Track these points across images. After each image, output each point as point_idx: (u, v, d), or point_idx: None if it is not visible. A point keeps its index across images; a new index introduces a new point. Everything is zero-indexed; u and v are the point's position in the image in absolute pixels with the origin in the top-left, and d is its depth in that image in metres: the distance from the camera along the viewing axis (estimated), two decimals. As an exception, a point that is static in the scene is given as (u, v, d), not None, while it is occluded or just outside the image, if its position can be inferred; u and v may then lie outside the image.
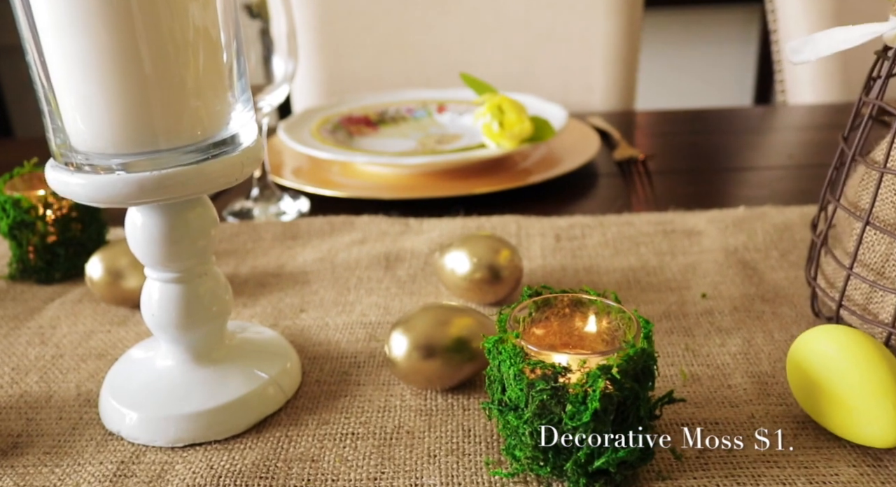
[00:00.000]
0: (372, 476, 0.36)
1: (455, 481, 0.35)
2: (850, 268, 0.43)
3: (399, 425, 0.40)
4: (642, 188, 0.76)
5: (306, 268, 0.59)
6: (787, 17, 1.16)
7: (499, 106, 0.73)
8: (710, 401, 0.41)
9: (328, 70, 1.18)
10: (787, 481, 0.35)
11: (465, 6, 1.15)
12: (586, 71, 1.14)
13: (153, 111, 0.34)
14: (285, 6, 0.67)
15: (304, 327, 0.50)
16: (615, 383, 0.32)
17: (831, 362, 0.36)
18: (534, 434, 0.33)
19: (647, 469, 0.36)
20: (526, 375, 0.33)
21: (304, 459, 0.37)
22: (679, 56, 2.51)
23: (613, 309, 0.36)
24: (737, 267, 0.56)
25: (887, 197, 0.42)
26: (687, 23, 2.49)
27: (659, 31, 2.45)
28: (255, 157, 0.38)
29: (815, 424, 0.38)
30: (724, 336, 0.47)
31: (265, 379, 0.41)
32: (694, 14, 2.47)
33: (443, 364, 0.41)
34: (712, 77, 2.55)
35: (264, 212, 0.71)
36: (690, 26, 2.49)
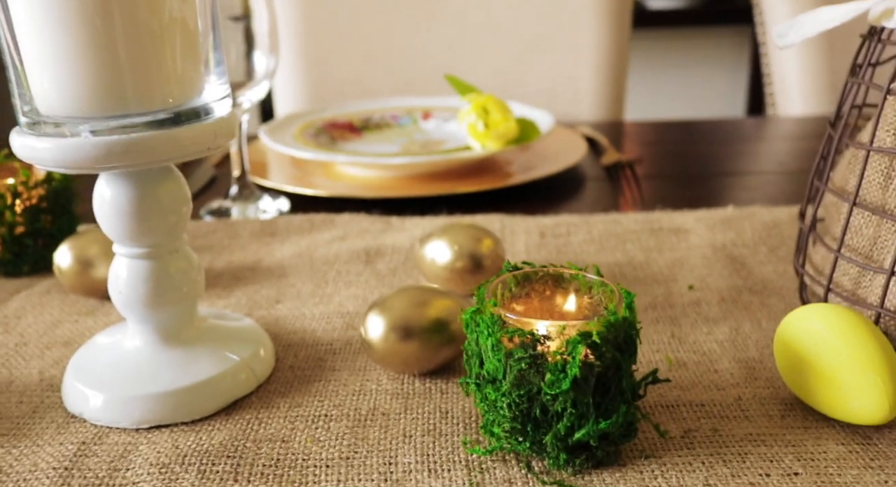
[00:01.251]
0: (344, 455, 0.35)
1: (431, 460, 0.34)
2: (837, 251, 0.42)
3: (374, 407, 0.38)
4: (630, 191, 0.75)
5: (284, 263, 0.58)
6: (776, 28, 1.17)
7: (484, 106, 0.72)
8: (696, 385, 0.39)
9: (312, 77, 1.18)
10: (775, 458, 0.33)
11: (453, 14, 1.15)
12: (574, 80, 1.15)
13: (123, 75, 0.33)
14: (267, 3, 0.67)
15: (280, 317, 0.49)
16: (595, 350, 0.30)
17: (819, 338, 0.35)
18: (512, 406, 0.31)
19: (630, 448, 0.34)
20: (504, 345, 0.32)
21: (274, 439, 0.36)
22: (669, 77, 2.53)
23: (595, 284, 0.35)
24: (724, 262, 0.55)
25: (874, 178, 0.42)
26: (677, 44, 2.51)
27: (648, 52, 2.47)
28: (228, 128, 0.37)
29: (803, 405, 0.37)
30: (710, 325, 0.46)
31: (236, 361, 0.40)
32: (684, 36, 2.49)
33: (421, 345, 0.39)
34: (703, 97, 2.57)
35: (243, 212, 0.70)
36: (681, 48, 2.52)
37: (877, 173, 0.41)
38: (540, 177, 0.74)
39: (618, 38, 1.14)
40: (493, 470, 0.33)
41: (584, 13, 1.13)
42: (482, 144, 0.74)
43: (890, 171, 0.40)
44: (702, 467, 0.33)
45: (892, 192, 0.40)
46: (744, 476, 0.32)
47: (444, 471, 0.33)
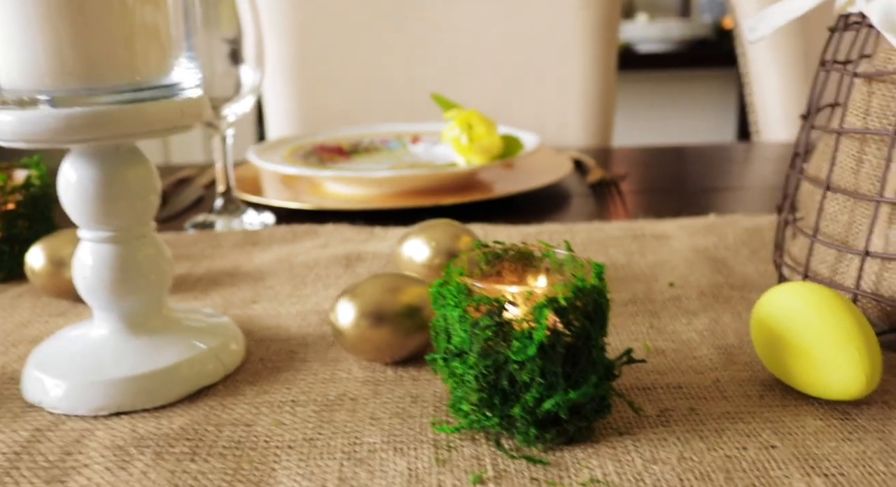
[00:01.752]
0: (308, 436, 0.33)
1: (398, 439, 0.33)
2: (813, 236, 0.41)
3: (342, 393, 0.37)
4: (614, 205, 0.75)
5: (263, 268, 0.57)
6: (757, 61, 1.19)
7: (467, 120, 0.73)
8: (674, 369, 0.38)
9: (305, 105, 1.19)
10: (752, 433, 0.32)
11: (443, 44, 1.17)
12: (561, 108, 1.16)
13: (87, 48, 0.33)
14: (254, 18, 0.68)
15: (255, 315, 0.48)
16: (563, 316, 0.30)
17: (795, 314, 0.34)
18: (479, 378, 0.31)
19: (603, 425, 0.33)
20: (470, 316, 0.31)
21: (237, 423, 0.35)
22: (658, 118, 2.56)
23: (567, 260, 0.35)
24: (706, 262, 0.54)
25: (846, 163, 0.41)
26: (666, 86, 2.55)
27: (638, 93, 2.51)
28: (196, 108, 0.37)
29: (782, 386, 0.36)
30: (690, 316, 0.45)
31: (203, 349, 0.39)
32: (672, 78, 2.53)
33: (392, 331, 0.39)
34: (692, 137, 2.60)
35: (227, 225, 0.70)
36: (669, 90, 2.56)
37: (848, 158, 0.41)
38: (525, 190, 0.74)
39: (604, 68, 1.16)
40: (462, 449, 0.32)
41: (572, 45, 1.14)
42: (466, 159, 0.74)
43: (861, 155, 0.40)
44: (677, 442, 0.32)
45: (863, 176, 0.40)
46: (720, 449, 0.31)
47: (410, 450, 0.32)
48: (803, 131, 0.45)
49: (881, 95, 0.39)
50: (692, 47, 2.35)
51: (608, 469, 0.30)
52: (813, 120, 0.43)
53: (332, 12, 1.18)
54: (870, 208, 0.39)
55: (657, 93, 2.56)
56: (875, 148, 0.39)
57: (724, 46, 2.30)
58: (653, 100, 2.56)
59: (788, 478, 0.29)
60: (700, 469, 0.30)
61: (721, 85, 2.56)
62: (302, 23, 1.17)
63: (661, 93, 2.56)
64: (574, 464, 0.30)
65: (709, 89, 2.58)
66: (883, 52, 0.39)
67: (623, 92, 2.41)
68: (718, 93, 2.58)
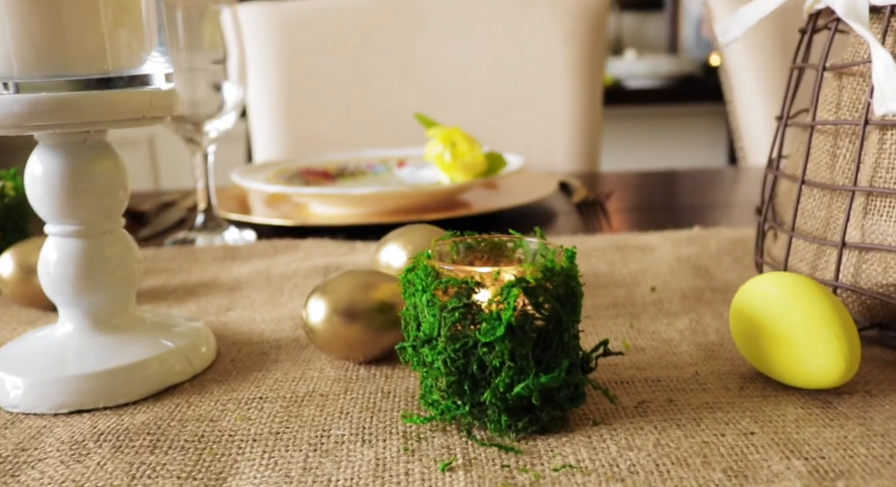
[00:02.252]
0: (275, 430, 0.32)
1: (366, 432, 0.32)
2: (791, 231, 0.41)
3: (312, 390, 0.36)
4: (599, 223, 0.74)
5: (241, 279, 0.56)
6: (741, 86, 1.20)
7: (450, 137, 0.73)
8: (653, 365, 0.38)
9: (292, 133, 1.19)
10: (731, 422, 0.31)
11: (429, 72, 1.18)
12: (548, 135, 1.16)
13: (55, 35, 0.33)
14: (237, 36, 0.69)
15: (229, 321, 0.47)
16: (532, 297, 0.29)
17: (773, 301, 0.33)
18: (448, 363, 0.30)
19: (578, 415, 0.32)
20: (439, 300, 0.30)
21: (202, 419, 0.34)
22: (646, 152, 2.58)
23: (539, 248, 0.34)
24: (688, 269, 0.54)
25: (821, 158, 0.41)
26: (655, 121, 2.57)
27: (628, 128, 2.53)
28: (165, 101, 0.37)
29: (763, 378, 0.35)
30: (671, 317, 0.45)
31: (170, 347, 0.38)
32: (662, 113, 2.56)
33: (365, 328, 0.38)
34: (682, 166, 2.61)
35: (208, 242, 0.69)
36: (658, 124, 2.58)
37: (823, 153, 0.41)
38: (509, 206, 0.73)
39: (591, 96, 1.17)
40: (432, 439, 0.31)
41: (558, 73, 1.15)
42: (450, 176, 0.74)
43: (835, 149, 0.40)
44: (654, 431, 0.31)
45: (839, 171, 0.40)
46: (697, 436, 0.30)
47: (378, 441, 0.31)
48: (779, 132, 0.45)
49: (851, 89, 0.39)
50: (680, 83, 2.39)
51: (582, 456, 0.29)
52: (787, 119, 0.43)
53: (320, 40, 1.19)
54: (846, 202, 0.39)
55: (646, 128, 2.58)
56: (848, 141, 0.39)
57: (711, 82, 2.33)
58: (642, 135, 2.58)
59: (767, 461, 0.28)
60: (677, 454, 0.29)
61: (710, 120, 2.59)
62: (290, 50, 1.18)
63: (650, 129, 2.59)
64: (547, 452, 0.29)
65: (697, 125, 2.60)
66: (851, 45, 0.39)
67: (612, 127, 2.44)
68: (707, 129, 2.61)
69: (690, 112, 2.56)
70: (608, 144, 2.39)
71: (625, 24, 2.63)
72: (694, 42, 2.59)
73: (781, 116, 0.44)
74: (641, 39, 2.68)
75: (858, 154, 0.37)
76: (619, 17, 2.55)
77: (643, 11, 2.65)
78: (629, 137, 2.55)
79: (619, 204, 0.82)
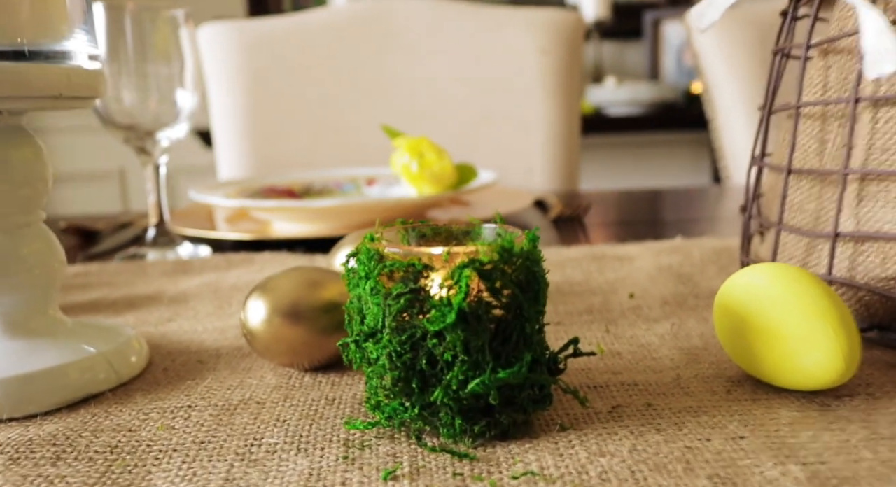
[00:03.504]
0: (199, 439, 0.28)
1: (303, 440, 0.28)
2: (779, 224, 0.38)
3: (248, 397, 0.32)
4: (576, 238, 0.71)
5: (188, 292, 0.52)
6: (723, 104, 1.19)
7: (417, 147, 0.69)
8: (630, 368, 0.34)
9: (258, 154, 1.16)
10: (717, 426, 0.28)
11: (401, 89, 1.16)
12: (525, 153, 1.14)
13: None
14: (192, 45, 0.66)
15: (169, 331, 0.43)
16: (487, 280, 0.25)
17: (760, 293, 0.30)
18: (393, 358, 0.26)
19: (544, 419, 0.28)
20: (383, 286, 0.27)
21: (118, 429, 0.29)
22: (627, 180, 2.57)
23: (500, 234, 0.30)
24: (670, 277, 0.51)
25: (809, 145, 0.38)
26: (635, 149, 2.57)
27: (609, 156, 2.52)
28: (87, 79, 0.33)
29: (753, 381, 0.32)
30: (651, 323, 0.41)
31: (91, 353, 0.34)
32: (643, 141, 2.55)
33: (310, 330, 0.34)
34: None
35: (160, 257, 0.65)
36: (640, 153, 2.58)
37: (810, 140, 0.38)
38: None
39: (568, 110, 1.15)
40: (377, 446, 0.27)
41: (533, 89, 1.13)
42: (417, 188, 0.70)
43: (823, 135, 0.37)
44: (629, 436, 0.27)
45: (828, 157, 0.37)
46: (679, 441, 0.26)
47: (315, 450, 0.27)
48: (762, 122, 0.42)
49: (838, 68, 0.36)
50: (661, 111, 2.38)
51: (546, 463, 0.25)
52: (770, 107, 0.41)
53: (286, 59, 1.16)
54: (837, 191, 0.36)
55: (627, 156, 2.58)
56: (836, 125, 0.36)
57: (692, 111, 2.33)
58: (623, 163, 2.57)
59: (759, 467, 0.24)
60: (655, 460, 0.25)
61: (692, 149, 2.59)
62: (255, 70, 1.15)
63: (631, 157, 2.58)
64: (507, 459, 0.25)
65: (679, 153, 2.60)
66: (836, 20, 0.36)
67: (593, 155, 2.43)
68: (690, 158, 2.61)
69: (672, 140, 2.56)
70: (589, 172, 2.38)
71: (605, 52, 2.64)
72: (675, 70, 2.60)
73: (764, 105, 0.42)
74: (622, 67, 2.69)
75: (849, 136, 0.34)
76: (598, 45, 2.56)
77: (623, 40, 2.66)
78: (610, 165, 2.54)
79: (598, 219, 0.79)
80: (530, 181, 1.13)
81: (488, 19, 1.15)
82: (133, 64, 0.63)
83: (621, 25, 2.60)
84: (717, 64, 1.17)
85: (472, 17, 1.16)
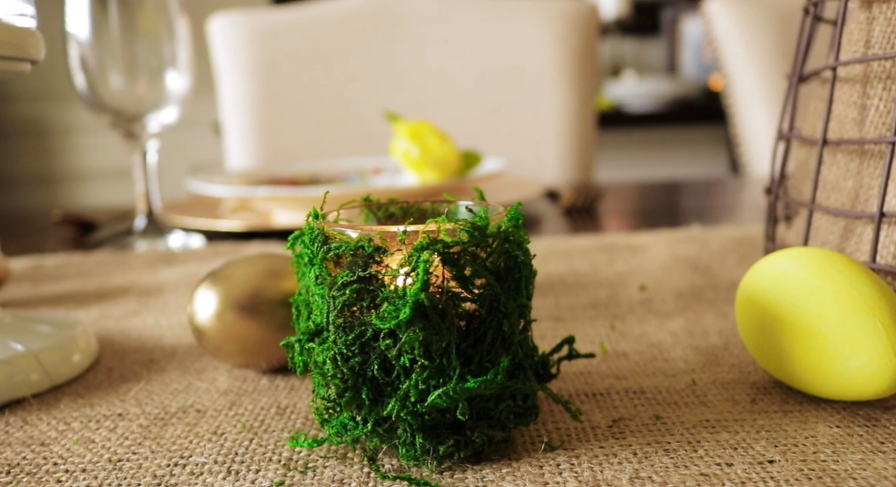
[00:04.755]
0: (116, 457, 0.24)
1: (237, 459, 0.23)
2: (811, 204, 0.33)
3: (189, 405, 0.28)
4: (588, 228, 0.66)
5: (165, 283, 0.48)
6: (742, 94, 1.13)
7: (418, 131, 0.65)
8: (637, 372, 0.29)
9: (269, 146, 1.12)
10: (740, 446, 0.23)
11: (413, 79, 1.11)
12: (539, 143, 1.09)
13: None
14: (184, 25, 0.61)
15: (130, 327, 0.39)
16: (453, 266, 0.21)
17: (794, 283, 0.25)
18: (338, 361, 0.21)
19: (528, 436, 0.24)
20: (329, 274, 0.22)
21: (28, 443, 0.25)
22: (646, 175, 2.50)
23: (470, 210, 0.26)
24: (686, 267, 0.45)
25: (847, 114, 0.33)
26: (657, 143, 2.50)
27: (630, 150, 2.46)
28: (16, 37, 0.29)
29: (782, 388, 0.27)
30: (663, 318, 0.36)
31: (19, 351, 0.30)
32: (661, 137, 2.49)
33: (267, 325, 0.29)
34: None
35: (149, 248, 0.61)
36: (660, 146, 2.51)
37: (849, 108, 0.33)
38: (485, 208, 0.65)
39: (582, 100, 1.09)
40: (322, 469, 0.22)
41: (547, 75, 1.08)
42: (420, 175, 0.66)
43: (864, 101, 0.32)
44: (632, 458, 0.22)
45: (870, 126, 0.32)
46: (693, 466, 0.21)
47: (248, 472, 0.22)
48: (790, 90, 0.37)
49: (885, 19, 0.31)
50: (680, 107, 2.32)
51: (525, 493, 0.20)
52: (800, 72, 0.35)
53: (297, 49, 1.12)
54: (881, 164, 0.31)
55: (645, 152, 2.51)
56: (881, 88, 0.31)
57: (711, 107, 2.26)
58: (641, 159, 2.51)
59: (792, 501, 0.19)
60: (661, 490, 0.20)
61: (710, 145, 2.51)
62: (266, 61, 1.11)
63: (649, 153, 2.51)
64: (477, 487, 0.21)
65: (698, 149, 2.53)
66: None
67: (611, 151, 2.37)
68: (707, 153, 2.54)
69: (691, 137, 2.49)
70: (608, 168, 2.32)
71: (624, 48, 2.58)
72: (694, 65, 2.53)
73: (793, 71, 0.36)
74: (641, 63, 2.62)
75: (897, 99, 0.29)
76: (618, 41, 2.50)
77: (642, 36, 2.60)
78: (629, 161, 2.48)
79: (613, 209, 0.74)
80: (543, 172, 1.08)
81: (501, 8, 1.10)
82: (119, 45, 0.59)
83: (640, 22, 2.54)
84: (736, 52, 1.11)
85: (484, 6, 1.11)
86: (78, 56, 0.59)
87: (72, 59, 0.59)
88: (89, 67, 0.59)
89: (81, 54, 0.59)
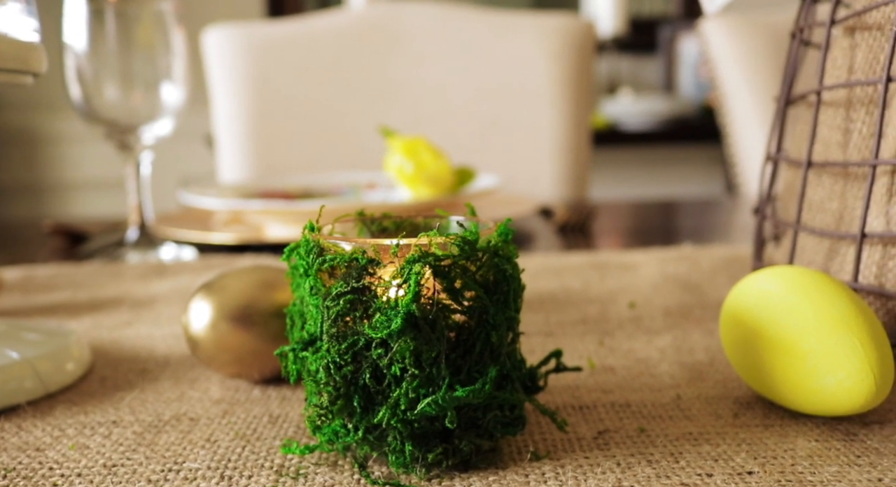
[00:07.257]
0: (112, 463, 0.24)
1: (230, 465, 0.24)
2: (797, 224, 0.34)
3: (182, 413, 0.28)
4: (581, 246, 0.67)
5: (157, 295, 0.48)
6: (738, 113, 1.14)
7: (412, 147, 0.66)
8: (623, 387, 0.30)
9: (262, 160, 1.13)
10: (721, 457, 0.23)
11: (407, 95, 1.12)
12: (533, 160, 1.10)
13: None
14: (181, 38, 0.62)
15: (122, 337, 0.39)
16: (445, 279, 0.21)
17: (776, 300, 0.26)
18: (331, 370, 0.22)
19: (515, 446, 0.24)
20: (323, 284, 0.22)
21: (24, 449, 0.25)
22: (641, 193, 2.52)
23: (460, 225, 0.26)
24: (675, 286, 0.46)
25: (832, 137, 0.34)
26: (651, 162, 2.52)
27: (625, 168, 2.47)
28: (18, 50, 0.30)
29: (764, 403, 0.27)
30: (651, 335, 0.37)
31: (13, 359, 0.30)
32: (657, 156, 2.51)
33: (261, 336, 0.30)
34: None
35: (141, 259, 0.62)
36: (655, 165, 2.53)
37: (833, 130, 0.34)
38: (478, 225, 0.66)
39: (576, 118, 1.11)
40: (313, 476, 0.23)
41: (541, 93, 1.09)
42: (414, 190, 0.67)
43: (848, 124, 0.33)
44: (615, 468, 0.23)
45: (853, 149, 0.32)
46: (674, 476, 0.22)
47: (240, 478, 0.23)
48: (779, 113, 0.38)
49: (866, 47, 0.32)
50: (676, 125, 2.34)
51: (511, 501, 0.21)
52: (788, 95, 0.36)
53: (292, 65, 1.13)
54: (864, 187, 0.32)
55: (641, 171, 2.53)
56: (864, 112, 0.32)
57: (708, 125, 2.28)
58: (636, 178, 2.52)
59: (770, 511, 0.20)
60: (643, 499, 0.21)
61: (706, 165, 2.54)
62: (260, 75, 1.13)
63: (645, 173, 2.53)
64: (464, 495, 0.21)
65: (694, 169, 2.55)
66: (865, -6, 0.32)
67: (607, 170, 2.39)
68: (703, 174, 2.56)
69: (687, 156, 2.51)
70: (603, 187, 2.33)
71: (621, 66, 2.60)
72: (690, 84, 2.55)
73: (781, 94, 0.37)
74: (638, 82, 2.65)
75: (879, 123, 0.29)
76: (615, 59, 2.52)
77: (639, 54, 2.62)
78: (624, 180, 2.50)
79: (606, 228, 0.75)
80: (538, 188, 1.09)
81: (497, 25, 1.12)
82: (115, 56, 0.60)
83: (638, 40, 2.57)
84: (732, 71, 1.12)
85: (481, 23, 1.12)
86: (74, 67, 0.59)
87: (68, 70, 0.60)
88: (85, 78, 0.60)
89: (77, 65, 0.59)
